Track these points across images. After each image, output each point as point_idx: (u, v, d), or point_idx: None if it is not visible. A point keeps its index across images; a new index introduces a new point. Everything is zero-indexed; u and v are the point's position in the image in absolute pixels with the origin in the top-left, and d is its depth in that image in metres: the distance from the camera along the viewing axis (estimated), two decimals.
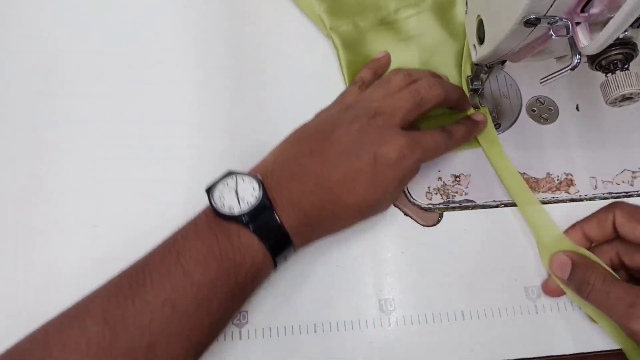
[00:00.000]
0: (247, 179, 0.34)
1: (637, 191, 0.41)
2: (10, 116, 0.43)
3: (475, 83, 0.42)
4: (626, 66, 0.29)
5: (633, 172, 0.41)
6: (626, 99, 0.30)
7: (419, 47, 0.46)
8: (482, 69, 0.40)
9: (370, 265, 0.39)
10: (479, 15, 0.35)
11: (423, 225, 0.40)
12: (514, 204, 0.40)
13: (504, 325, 0.37)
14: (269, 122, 0.43)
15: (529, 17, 0.28)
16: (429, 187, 0.41)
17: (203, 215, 0.34)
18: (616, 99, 0.30)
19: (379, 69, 0.44)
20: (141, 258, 0.33)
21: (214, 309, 0.31)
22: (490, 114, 0.43)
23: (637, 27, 0.28)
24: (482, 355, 0.36)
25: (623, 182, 0.41)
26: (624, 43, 0.28)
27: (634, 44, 0.29)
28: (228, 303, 0.32)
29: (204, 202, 0.41)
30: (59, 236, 0.40)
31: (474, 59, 0.38)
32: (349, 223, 0.37)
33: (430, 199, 0.40)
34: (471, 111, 0.42)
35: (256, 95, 0.44)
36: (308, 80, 0.45)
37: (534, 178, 0.41)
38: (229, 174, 0.34)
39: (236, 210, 0.33)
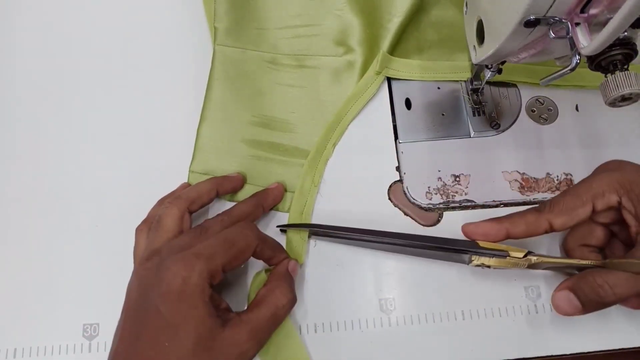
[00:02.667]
0: None
1: None
2: (12, 116, 0.43)
3: (475, 83, 0.42)
4: (626, 66, 0.29)
5: None
6: (626, 99, 0.30)
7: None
8: (482, 69, 0.40)
9: (370, 265, 0.39)
10: (478, 16, 0.35)
11: (423, 225, 0.40)
12: (513, 204, 0.40)
13: (504, 325, 0.37)
14: None
15: (528, 17, 0.28)
16: (429, 187, 0.41)
17: None
18: (615, 99, 0.30)
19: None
20: None
21: None
22: (490, 114, 0.43)
23: (637, 28, 0.28)
24: (482, 355, 0.36)
25: None
26: (623, 43, 0.28)
27: (634, 45, 0.29)
28: None
29: None
30: (60, 236, 0.40)
31: (474, 60, 0.38)
32: None
33: (430, 199, 0.41)
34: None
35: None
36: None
37: (534, 178, 0.41)
38: None
39: None
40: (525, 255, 0.34)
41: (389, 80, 0.44)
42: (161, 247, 0.33)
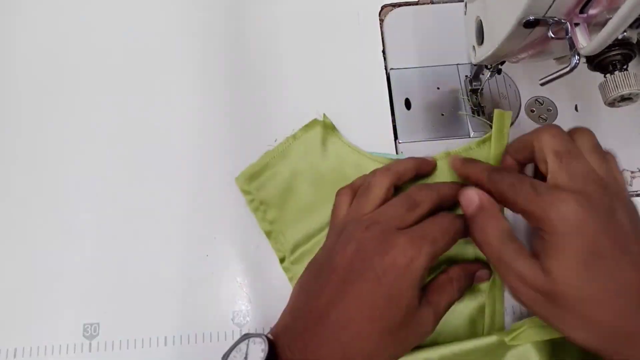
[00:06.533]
0: (257, 341, 0.31)
1: (637, 191, 0.41)
2: (13, 117, 0.44)
3: (474, 83, 0.42)
4: (625, 67, 0.29)
5: (632, 173, 0.41)
6: (625, 99, 0.30)
7: None
8: (482, 70, 0.40)
9: None
10: (478, 17, 0.35)
11: None
12: None
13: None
14: (270, 124, 0.43)
15: (528, 18, 0.28)
16: None
17: None
18: (615, 99, 0.30)
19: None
20: None
21: None
22: (490, 114, 0.43)
23: (636, 28, 0.28)
24: None
25: None
26: (622, 44, 0.29)
27: (633, 45, 0.29)
28: None
29: (206, 200, 0.41)
30: (61, 235, 0.40)
31: (473, 60, 0.38)
32: (382, 354, 0.32)
33: None
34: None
35: (258, 97, 0.44)
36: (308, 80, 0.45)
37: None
38: (244, 337, 0.32)
39: None
40: None
41: (389, 80, 0.44)
42: (377, 216, 0.34)
